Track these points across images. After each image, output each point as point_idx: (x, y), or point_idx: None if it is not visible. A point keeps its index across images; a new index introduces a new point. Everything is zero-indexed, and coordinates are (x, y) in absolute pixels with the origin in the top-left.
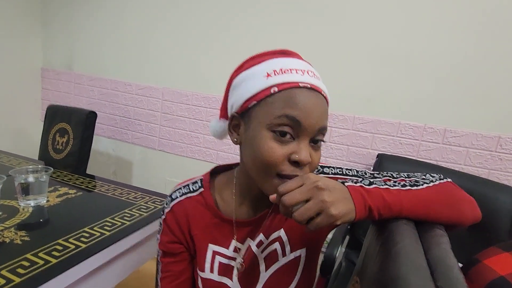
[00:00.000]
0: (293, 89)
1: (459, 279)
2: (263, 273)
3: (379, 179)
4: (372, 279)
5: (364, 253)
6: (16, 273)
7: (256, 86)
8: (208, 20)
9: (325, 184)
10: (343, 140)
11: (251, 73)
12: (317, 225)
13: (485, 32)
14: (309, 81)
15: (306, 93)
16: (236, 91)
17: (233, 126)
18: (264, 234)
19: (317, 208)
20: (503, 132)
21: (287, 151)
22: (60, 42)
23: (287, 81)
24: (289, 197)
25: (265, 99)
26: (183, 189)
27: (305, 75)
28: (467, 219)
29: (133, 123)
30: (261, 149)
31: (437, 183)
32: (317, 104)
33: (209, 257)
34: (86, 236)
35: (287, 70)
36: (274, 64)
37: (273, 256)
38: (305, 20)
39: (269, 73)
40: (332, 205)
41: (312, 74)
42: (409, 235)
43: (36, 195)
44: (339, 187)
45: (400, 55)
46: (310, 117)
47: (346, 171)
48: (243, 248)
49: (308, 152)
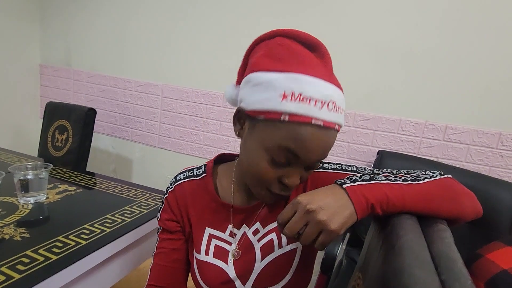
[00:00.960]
0: (304, 125)
1: (463, 273)
2: (258, 263)
3: (380, 175)
4: (376, 273)
5: (366, 249)
6: (16, 270)
7: (268, 103)
8: (208, 16)
9: (316, 205)
10: (344, 137)
11: (268, 81)
12: (322, 244)
13: (486, 29)
14: (325, 117)
15: (316, 132)
16: (248, 91)
17: (239, 118)
18: (260, 223)
19: (317, 230)
20: (504, 128)
21: (279, 174)
22: (58, 38)
23: (300, 114)
24: (289, 230)
25: (273, 122)
26: (187, 173)
27: (323, 109)
28: (468, 214)
29: (132, 120)
30: (256, 166)
31: (438, 178)
32: (323, 143)
33: (205, 240)
34: (86, 233)
35: (305, 98)
36: (294, 81)
37: (269, 246)
38: (305, 15)
39: (286, 94)
40: (330, 222)
41: (333, 105)
42: (412, 230)
43: (36, 192)
44: (331, 198)
45: (401, 52)
46: (311, 153)
47: (345, 167)
48: (239, 233)
49: (298, 178)
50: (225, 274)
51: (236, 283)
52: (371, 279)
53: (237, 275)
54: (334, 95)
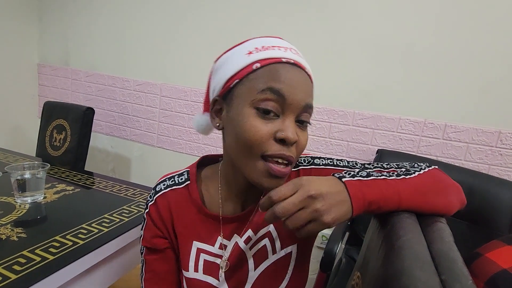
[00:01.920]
0: (276, 64)
1: (463, 272)
2: (251, 272)
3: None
4: (375, 273)
5: (365, 248)
6: (13, 270)
7: (237, 64)
8: (206, 15)
9: (318, 191)
10: (343, 136)
11: (231, 53)
12: (308, 232)
13: (485, 27)
14: (292, 57)
15: (290, 68)
16: (217, 74)
17: (216, 111)
18: (252, 230)
19: (310, 217)
20: (504, 127)
21: (272, 128)
22: (56, 38)
23: (269, 57)
24: (282, 210)
25: (248, 76)
26: (168, 181)
27: (288, 52)
28: (456, 205)
29: (131, 119)
30: (244, 127)
31: (426, 170)
32: (301, 80)
33: (193, 255)
34: (84, 233)
35: (269, 47)
36: (255, 43)
37: (263, 253)
38: (303, 14)
39: (250, 51)
40: (326, 213)
41: (295, 51)
42: (412, 229)
43: (33, 192)
44: (334, 189)
45: (399, 50)
46: (295, 92)
47: (336, 162)
48: (230, 245)
49: (295, 130)
50: None
51: None
52: (371, 279)
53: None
54: (293, 46)
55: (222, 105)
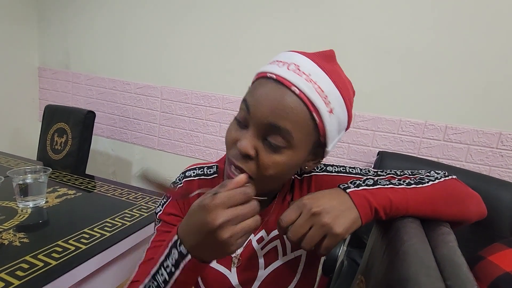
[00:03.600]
0: (260, 79)
1: (468, 278)
2: (261, 271)
3: (383, 177)
4: (380, 279)
5: (369, 252)
6: (15, 276)
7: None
8: (206, 18)
9: (320, 206)
10: (344, 138)
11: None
12: (326, 248)
13: (486, 28)
14: (280, 73)
15: (267, 84)
16: None
17: None
18: (265, 230)
19: (321, 234)
20: (504, 128)
21: (237, 136)
22: (56, 41)
23: (261, 71)
24: (293, 234)
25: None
26: (197, 170)
27: (282, 68)
28: (472, 216)
29: (132, 122)
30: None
31: (442, 180)
32: (274, 97)
33: None
34: (86, 237)
35: (273, 61)
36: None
37: (273, 254)
38: (303, 16)
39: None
40: (334, 225)
41: (295, 67)
42: (416, 234)
43: (35, 196)
44: (336, 202)
45: (400, 52)
46: (258, 107)
47: (349, 170)
48: None
49: (251, 143)
50: (227, 281)
51: None
52: (375, 284)
53: (239, 282)
54: (301, 62)
55: None
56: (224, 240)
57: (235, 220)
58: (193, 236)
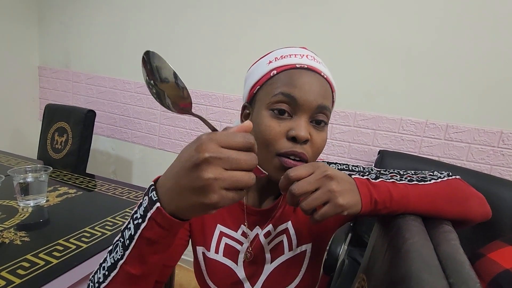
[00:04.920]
0: (290, 70)
1: (470, 275)
2: (267, 265)
3: (386, 175)
4: (381, 277)
5: (370, 251)
6: (16, 274)
7: (259, 73)
8: (207, 17)
9: (334, 174)
10: (345, 137)
11: (256, 64)
12: (323, 214)
13: (486, 27)
14: (307, 63)
15: (303, 73)
16: (246, 83)
17: (245, 116)
18: (273, 225)
19: (325, 198)
20: (505, 127)
21: (284, 128)
22: (56, 40)
23: (284, 64)
24: (298, 187)
25: (266, 82)
26: None
27: (304, 58)
28: (475, 216)
29: (132, 121)
30: (261, 127)
31: (445, 179)
32: (314, 82)
33: (215, 237)
34: (87, 236)
35: (286, 55)
36: (276, 53)
37: (279, 248)
38: (304, 15)
39: (271, 60)
40: (340, 195)
41: (312, 58)
42: (418, 232)
43: (36, 195)
44: (347, 178)
45: (401, 51)
46: (306, 94)
47: (352, 167)
48: (252, 234)
49: (307, 129)
50: (234, 275)
51: (245, 284)
52: (377, 282)
53: (246, 276)
54: (311, 53)
55: (250, 109)
56: (205, 180)
57: (226, 162)
58: (171, 176)
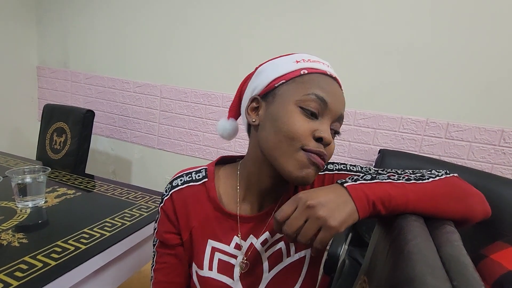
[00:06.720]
0: (322, 74)
1: (475, 278)
2: (266, 274)
3: (383, 175)
4: (383, 279)
5: (371, 252)
6: (14, 277)
7: (285, 69)
8: (206, 16)
9: (316, 200)
10: (345, 136)
11: (279, 60)
12: (321, 241)
13: (488, 26)
14: (332, 72)
15: (332, 81)
16: (261, 76)
17: (251, 109)
18: (270, 232)
19: (316, 226)
20: (507, 125)
21: (312, 127)
22: (55, 40)
23: (316, 68)
24: (288, 227)
25: (294, 79)
26: (185, 177)
27: (330, 68)
28: (476, 214)
29: (131, 121)
30: (288, 122)
31: (443, 177)
32: (338, 93)
33: (208, 254)
34: (85, 237)
35: (314, 60)
36: (302, 55)
37: (277, 256)
38: (304, 16)
39: (298, 60)
40: (329, 218)
41: (329, 66)
42: (420, 233)
43: (34, 196)
44: (332, 195)
45: (401, 50)
46: (335, 101)
47: (350, 167)
48: (245, 245)
49: (329, 131)
50: None
51: None
52: (379, 284)
53: None
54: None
55: (260, 103)
56: None
57: None
58: None
